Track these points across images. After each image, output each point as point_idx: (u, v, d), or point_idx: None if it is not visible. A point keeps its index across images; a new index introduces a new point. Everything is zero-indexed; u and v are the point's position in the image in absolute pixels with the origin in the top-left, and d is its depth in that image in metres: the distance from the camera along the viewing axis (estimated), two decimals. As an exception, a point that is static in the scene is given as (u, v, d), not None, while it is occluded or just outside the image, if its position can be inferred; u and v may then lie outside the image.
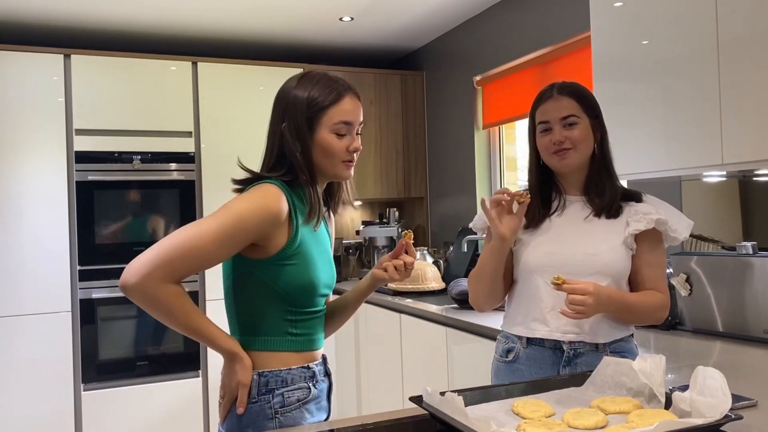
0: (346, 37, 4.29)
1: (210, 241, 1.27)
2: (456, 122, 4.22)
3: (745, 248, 2.13)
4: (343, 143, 1.42)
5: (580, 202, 1.67)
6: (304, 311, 1.43)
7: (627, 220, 1.61)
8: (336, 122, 1.41)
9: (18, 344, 3.47)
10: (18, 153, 3.51)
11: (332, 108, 1.41)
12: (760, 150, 1.80)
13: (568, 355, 1.59)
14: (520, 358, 1.65)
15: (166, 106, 3.84)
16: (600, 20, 2.36)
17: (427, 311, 2.99)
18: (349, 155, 1.44)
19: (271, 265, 1.37)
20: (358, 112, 1.45)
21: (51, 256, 3.53)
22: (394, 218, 4.47)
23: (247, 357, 1.38)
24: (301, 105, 1.40)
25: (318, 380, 1.46)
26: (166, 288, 1.25)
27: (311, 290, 1.42)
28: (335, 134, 1.41)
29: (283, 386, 1.39)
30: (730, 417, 1.06)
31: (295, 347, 1.42)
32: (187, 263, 1.26)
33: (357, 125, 1.45)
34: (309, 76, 1.45)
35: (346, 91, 1.43)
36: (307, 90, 1.41)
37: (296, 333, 1.42)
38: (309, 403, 1.42)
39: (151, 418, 3.70)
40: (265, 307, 1.39)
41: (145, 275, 1.23)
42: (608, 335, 1.59)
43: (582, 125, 1.61)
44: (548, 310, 1.60)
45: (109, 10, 3.62)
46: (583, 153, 1.63)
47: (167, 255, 1.24)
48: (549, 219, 1.66)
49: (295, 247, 1.38)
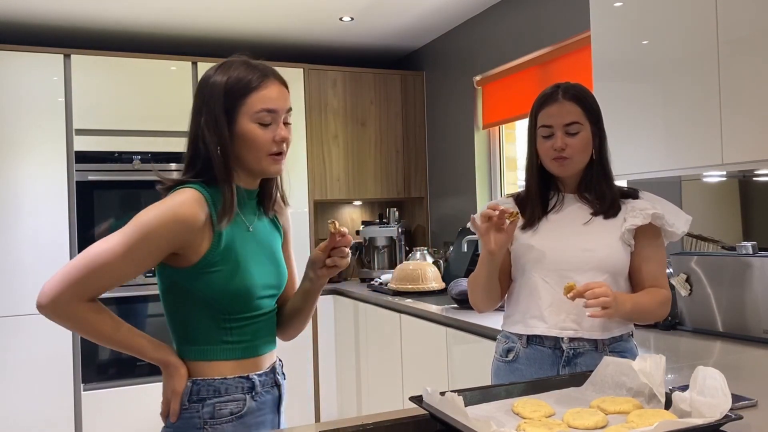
0: (346, 37, 4.29)
1: (118, 257, 1.22)
2: (456, 122, 4.22)
3: (745, 248, 2.13)
4: (268, 134, 1.30)
5: (577, 201, 1.68)
6: (239, 317, 1.33)
7: (624, 217, 1.62)
8: (257, 110, 1.29)
9: (18, 344, 3.47)
10: (18, 153, 3.51)
11: (252, 95, 1.29)
12: (760, 150, 1.80)
13: (567, 355, 1.59)
14: (520, 357, 1.65)
15: (166, 106, 3.83)
16: (600, 20, 2.36)
17: (427, 311, 2.99)
18: (276, 146, 1.31)
19: (196, 274, 1.28)
20: (284, 99, 1.33)
21: (51, 256, 3.53)
22: (394, 218, 4.47)
23: (180, 365, 1.31)
24: (218, 93, 1.29)
25: (258, 392, 1.35)
26: (78, 306, 1.22)
27: (244, 295, 1.32)
28: (258, 124, 1.29)
29: (215, 396, 1.30)
30: (730, 417, 1.06)
31: (232, 355, 1.33)
32: (97, 281, 1.22)
33: (283, 113, 1.32)
34: (228, 62, 1.34)
35: (267, 77, 1.32)
36: (225, 76, 1.30)
37: (232, 341, 1.33)
38: (245, 416, 1.32)
39: (151, 418, 3.69)
40: (196, 316, 1.31)
41: (55, 296, 1.21)
42: (606, 332, 1.60)
43: (584, 133, 1.62)
44: (546, 307, 1.61)
45: (109, 10, 3.62)
46: (582, 161, 1.63)
47: (76, 274, 1.21)
48: (546, 217, 1.67)
49: (219, 251, 1.29)
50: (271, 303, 1.41)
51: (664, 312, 1.63)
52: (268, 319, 1.41)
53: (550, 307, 1.61)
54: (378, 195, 4.48)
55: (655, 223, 1.61)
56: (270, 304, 1.41)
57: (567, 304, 1.59)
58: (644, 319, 1.62)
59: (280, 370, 1.45)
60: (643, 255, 1.63)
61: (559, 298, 1.59)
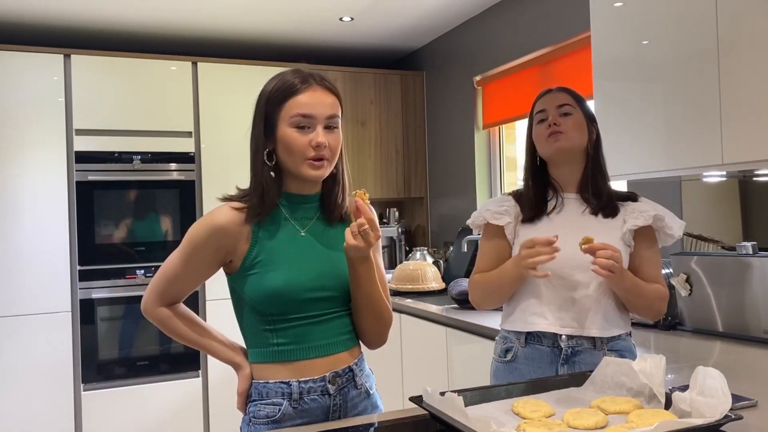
0: (346, 37, 4.29)
1: (179, 267, 1.39)
2: (456, 122, 4.22)
3: (745, 248, 2.13)
4: (304, 138, 1.31)
5: (577, 200, 1.69)
6: (281, 319, 1.35)
7: (624, 218, 1.64)
8: (293, 115, 1.31)
9: (18, 344, 3.47)
10: (18, 153, 3.51)
11: (290, 100, 1.32)
12: (760, 150, 1.80)
13: (566, 354, 1.60)
14: (518, 357, 1.65)
15: (166, 106, 3.84)
16: (600, 20, 2.36)
17: (427, 311, 2.99)
18: (313, 151, 1.32)
19: (241, 277, 1.37)
20: (323, 105, 1.33)
21: (51, 256, 3.53)
22: (394, 218, 4.47)
23: (245, 366, 1.40)
24: (262, 101, 1.36)
25: (297, 399, 1.34)
26: (159, 310, 1.41)
27: (282, 297, 1.33)
28: (295, 128, 1.32)
29: (258, 398, 1.36)
30: (730, 417, 1.06)
31: (276, 358, 1.36)
32: (170, 288, 1.40)
33: (322, 118, 1.33)
34: (281, 72, 1.38)
35: (308, 82, 1.33)
36: (269, 86, 1.36)
37: (276, 343, 1.36)
38: (281, 422, 1.33)
39: (151, 418, 3.70)
40: (247, 319, 1.39)
41: (143, 302, 1.42)
42: (605, 330, 1.60)
43: (576, 117, 1.67)
44: (547, 304, 1.62)
45: (109, 10, 3.62)
46: (575, 141, 1.66)
47: (155, 283, 1.41)
48: (548, 216, 1.68)
49: (255, 254, 1.35)
50: (322, 307, 1.38)
51: (660, 307, 1.64)
52: (321, 324, 1.38)
53: (550, 305, 1.61)
54: (378, 195, 4.48)
55: (655, 226, 1.64)
56: (321, 308, 1.38)
57: (568, 302, 1.60)
58: (638, 304, 1.61)
59: (345, 380, 1.39)
60: (642, 257, 1.65)
61: (560, 297, 1.59)
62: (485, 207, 1.75)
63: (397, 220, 4.48)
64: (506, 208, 1.71)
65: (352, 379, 1.41)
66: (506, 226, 1.70)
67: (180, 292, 1.41)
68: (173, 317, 1.42)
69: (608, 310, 1.61)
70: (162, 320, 1.41)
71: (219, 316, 3.61)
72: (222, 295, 1.52)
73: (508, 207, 1.71)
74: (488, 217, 1.72)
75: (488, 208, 1.73)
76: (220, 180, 3.79)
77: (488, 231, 1.74)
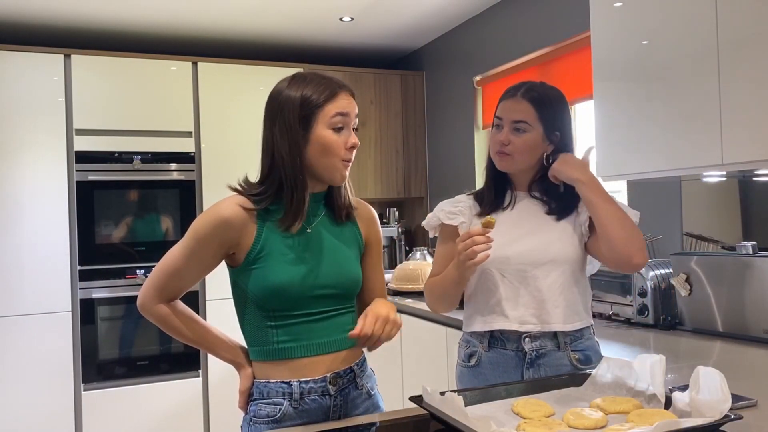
0: (346, 37, 4.29)
1: (179, 259, 1.37)
2: (456, 122, 4.23)
3: (745, 248, 2.13)
4: (341, 139, 1.36)
5: (529, 198, 1.67)
6: (282, 315, 1.36)
7: (578, 210, 1.62)
8: (333, 115, 1.35)
9: (18, 344, 3.47)
10: (18, 153, 3.52)
11: (328, 104, 1.35)
12: (760, 150, 1.80)
13: (530, 356, 1.58)
14: (482, 362, 1.63)
15: (166, 106, 3.84)
16: (600, 20, 2.36)
17: (427, 311, 2.99)
18: (348, 153, 1.38)
19: (244, 271, 1.36)
20: (353, 107, 1.40)
21: (51, 256, 3.54)
22: (394, 218, 4.47)
23: (246, 366, 1.41)
24: (293, 104, 1.35)
25: (298, 399, 1.35)
26: (157, 307, 1.39)
27: (282, 292, 1.34)
28: (332, 129, 1.35)
29: (260, 398, 1.37)
30: (730, 417, 1.06)
31: (277, 356, 1.36)
32: (171, 284, 1.38)
33: (353, 120, 1.39)
34: (300, 76, 1.40)
35: (341, 88, 1.38)
36: (300, 89, 1.36)
37: (280, 339, 1.36)
38: (281, 422, 1.34)
39: (151, 418, 3.70)
40: (248, 315, 1.39)
41: (141, 299, 1.39)
42: (566, 323, 1.58)
43: (531, 135, 1.60)
44: (505, 301, 1.60)
45: (109, 10, 3.62)
46: (522, 162, 1.63)
47: (154, 279, 1.38)
48: (501, 213, 1.66)
49: (259, 249, 1.35)
50: (325, 304, 1.39)
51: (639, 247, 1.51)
52: (323, 321, 1.39)
53: (508, 302, 1.60)
54: (378, 195, 4.48)
55: None
56: (324, 305, 1.39)
57: (525, 297, 1.59)
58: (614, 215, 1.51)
59: (346, 380, 1.40)
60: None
61: (517, 293, 1.59)
62: (440, 207, 1.71)
63: (397, 220, 4.48)
64: (460, 208, 1.68)
65: (354, 380, 1.42)
66: (460, 226, 1.66)
67: (179, 287, 1.39)
68: (173, 315, 1.40)
69: (568, 303, 1.59)
70: (161, 318, 1.39)
71: (219, 316, 3.61)
72: (222, 295, 1.51)
73: (462, 207, 1.69)
74: (442, 217, 1.69)
75: (443, 209, 1.70)
76: (221, 180, 3.76)
77: (443, 232, 1.71)
